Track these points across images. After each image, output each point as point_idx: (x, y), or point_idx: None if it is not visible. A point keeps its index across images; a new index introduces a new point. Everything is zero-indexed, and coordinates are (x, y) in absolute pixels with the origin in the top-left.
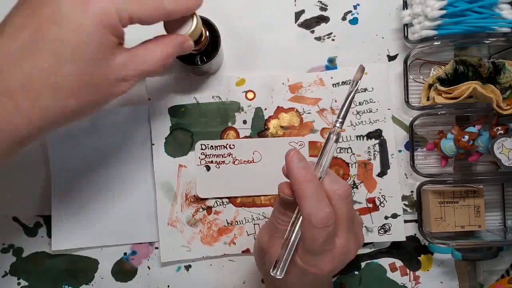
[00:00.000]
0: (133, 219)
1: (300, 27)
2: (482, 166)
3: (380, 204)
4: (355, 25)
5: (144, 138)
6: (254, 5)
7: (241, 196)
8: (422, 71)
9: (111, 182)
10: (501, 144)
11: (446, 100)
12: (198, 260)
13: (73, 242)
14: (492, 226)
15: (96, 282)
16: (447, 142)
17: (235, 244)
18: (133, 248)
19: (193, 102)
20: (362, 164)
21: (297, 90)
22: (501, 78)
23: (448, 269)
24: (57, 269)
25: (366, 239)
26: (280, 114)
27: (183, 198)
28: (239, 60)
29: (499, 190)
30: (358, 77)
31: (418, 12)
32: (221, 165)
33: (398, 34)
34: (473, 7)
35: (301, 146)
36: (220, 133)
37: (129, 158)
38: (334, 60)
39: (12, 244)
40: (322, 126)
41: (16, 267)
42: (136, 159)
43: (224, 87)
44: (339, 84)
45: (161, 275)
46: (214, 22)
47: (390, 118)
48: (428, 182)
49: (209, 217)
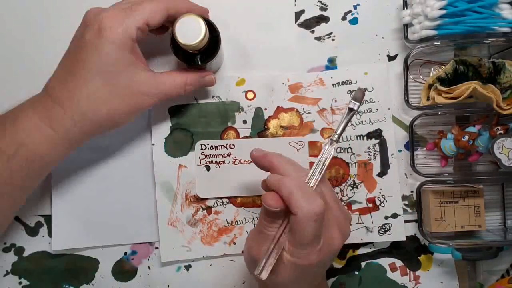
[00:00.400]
0: (133, 219)
1: (300, 27)
2: (482, 166)
3: (380, 204)
4: (355, 25)
5: (144, 138)
6: (254, 5)
7: (241, 196)
8: (422, 71)
9: (111, 182)
10: (501, 144)
11: (446, 100)
12: (198, 260)
13: (74, 242)
14: (492, 226)
15: (96, 281)
16: (447, 142)
17: (235, 244)
18: (133, 248)
19: (193, 102)
20: (362, 164)
21: (297, 90)
22: (501, 78)
23: (448, 269)
24: (58, 268)
25: (366, 239)
26: (280, 114)
27: (183, 198)
28: (239, 60)
29: (499, 190)
30: (359, 97)
31: (418, 12)
32: (221, 165)
33: (398, 34)
34: (473, 7)
35: (301, 146)
36: (220, 133)
37: (129, 158)
38: (334, 60)
39: (13, 243)
40: (322, 126)
41: (17, 267)
42: (136, 159)
43: (224, 87)
44: (339, 84)
45: (161, 275)
46: (214, 22)
47: (390, 118)
48: (428, 182)
49: (209, 217)
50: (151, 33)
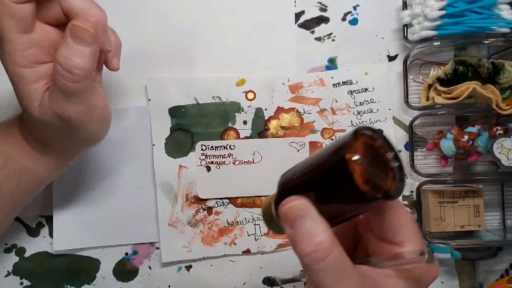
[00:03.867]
0: (134, 219)
1: (300, 28)
2: (482, 166)
3: None
4: (355, 26)
5: (144, 138)
6: (255, 5)
7: (241, 196)
8: (421, 71)
9: (112, 183)
10: (501, 144)
11: (445, 100)
12: (199, 261)
13: (75, 242)
14: (491, 226)
15: (97, 282)
16: (446, 142)
17: (236, 244)
18: (134, 248)
19: (193, 102)
20: None
21: (297, 90)
22: (500, 79)
23: (449, 268)
24: (59, 269)
25: None
26: (281, 115)
27: (183, 199)
28: (239, 61)
29: (498, 190)
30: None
31: (417, 13)
32: (221, 166)
33: (398, 35)
34: (472, 7)
35: (302, 147)
36: (220, 134)
37: (130, 159)
38: (334, 60)
39: (14, 244)
40: (322, 127)
41: (19, 267)
42: (136, 160)
43: (224, 87)
44: (339, 84)
45: (162, 275)
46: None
47: (391, 118)
48: (427, 182)
49: (210, 217)
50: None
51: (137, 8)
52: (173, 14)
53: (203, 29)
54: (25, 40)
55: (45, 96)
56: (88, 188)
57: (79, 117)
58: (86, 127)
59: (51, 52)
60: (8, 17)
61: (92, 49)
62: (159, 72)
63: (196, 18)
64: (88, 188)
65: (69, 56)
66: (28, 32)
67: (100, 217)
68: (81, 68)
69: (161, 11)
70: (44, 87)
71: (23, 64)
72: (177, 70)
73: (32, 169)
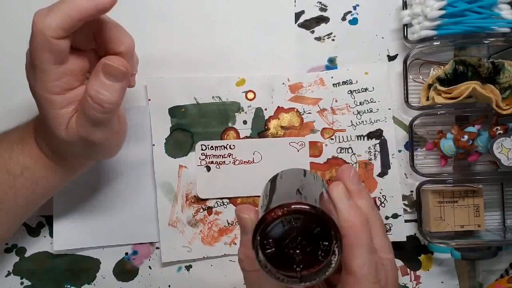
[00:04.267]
0: (134, 219)
1: (300, 28)
2: (482, 166)
3: (380, 204)
4: (355, 25)
5: (144, 138)
6: (254, 5)
7: (241, 196)
8: (421, 71)
9: (112, 183)
10: (501, 143)
11: (445, 100)
12: (199, 260)
13: (75, 242)
14: (491, 225)
15: (98, 281)
16: (446, 142)
17: (236, 244)
18: (134, 248)
19: (193, 102)
20: (363, 164)
21: (297, 90)
22: (500, 78)
23: (449, 268)
24: (59, 268)
25: None
26: (281, 114)
27: (183, 199)
28: (239, 60)
29: (498, 189)
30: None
31: (417, 12)
32: (221, 166)
33: (398, 34)
34: (472, 7)
35: (302, 147)
36: (220, 134)
37: (130, 159)
38: (334, 60)
39: (15, 244)
40: (322, 126)
41: (19, 267)
42: (136, 160)
43: (224, 87)
44: (339, 84)
45: (162, 275)
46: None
47: (390, 118)
48: (427, 182)
49: (210, 217)
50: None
51: (137, 8)
52: (173, 14)
53: (203, 29)
54: (59, 71)
55: (72, 119)
56: (88, 188)
57: (104, 141)
58: (107, 147)
59: (80, 77)
60: (48, 51)
61: (122, 84)
62: (159, 72)
63: (196, 18)
64: (88, 188)
65: (101, 91)
66: (63, 63)
67: (100, 217)
68: (111, 102)
69: (161, 11)
70: (72, 112)
71: (55, 92)
72: (177, 70)
73: (48, 178)
